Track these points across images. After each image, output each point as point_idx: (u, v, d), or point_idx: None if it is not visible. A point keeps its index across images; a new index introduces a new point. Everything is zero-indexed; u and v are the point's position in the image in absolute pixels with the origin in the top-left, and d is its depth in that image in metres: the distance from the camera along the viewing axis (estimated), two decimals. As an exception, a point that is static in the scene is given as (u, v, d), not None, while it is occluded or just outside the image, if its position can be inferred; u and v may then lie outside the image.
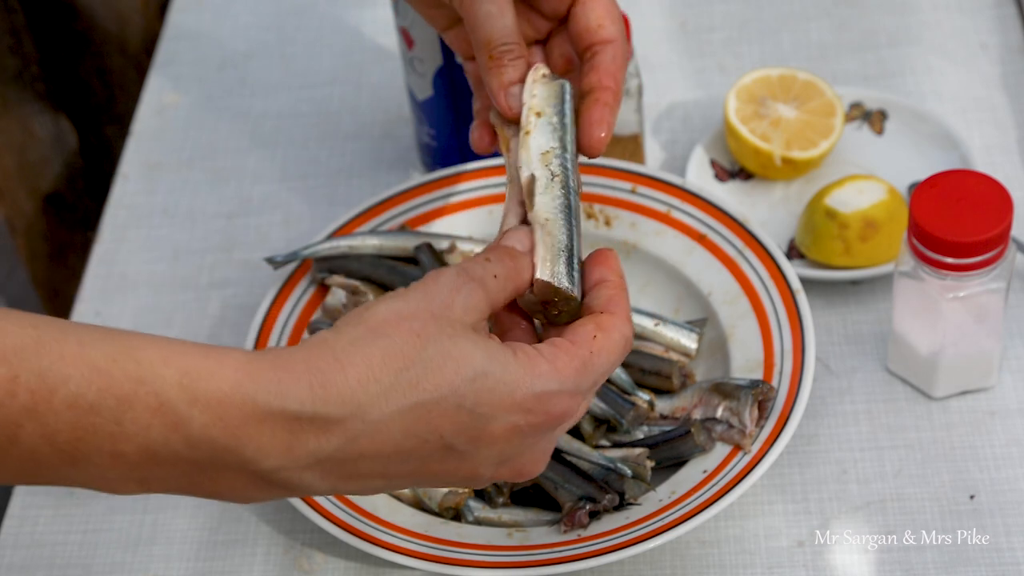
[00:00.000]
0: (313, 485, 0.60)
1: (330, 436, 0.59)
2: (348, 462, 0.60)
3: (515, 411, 0.61)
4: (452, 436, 0.61)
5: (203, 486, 0.60)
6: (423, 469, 0.62)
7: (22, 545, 0.86)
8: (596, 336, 0.64)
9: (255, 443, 0.58)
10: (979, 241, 0.78)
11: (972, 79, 1.04)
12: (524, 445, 0.63)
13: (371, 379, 0.59)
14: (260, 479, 0.59)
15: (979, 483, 0.82)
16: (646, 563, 0.81)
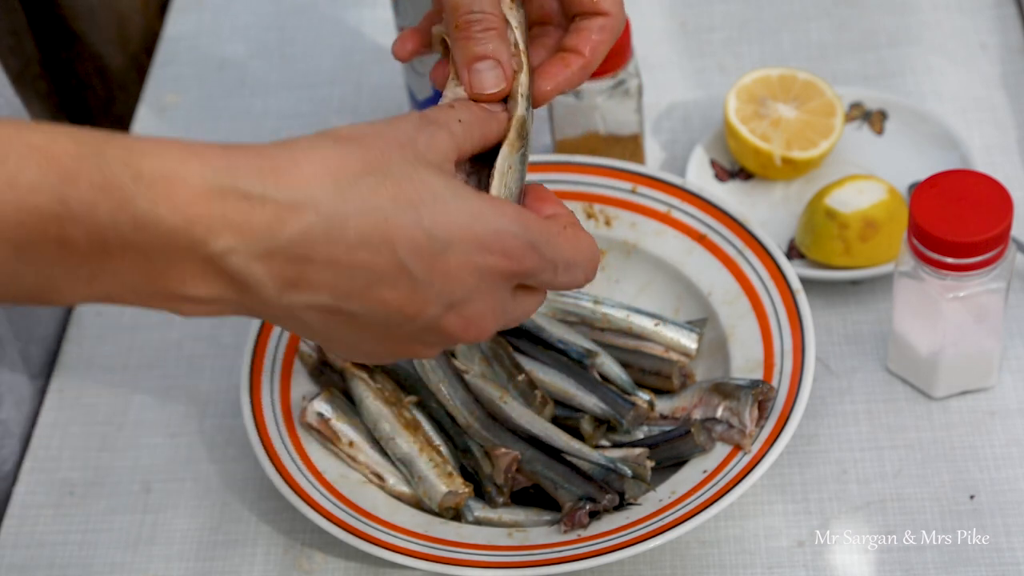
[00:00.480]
0: (261, 283, 0.56)
1: (283, 223, 0.55)
2: (299, 261, 0.56)
3: (473, 244, 0.58)
4: (406, 254, 0.57)
5: (153, 281, 0.56)
6: (373, 294, 0.58)
7: (22, 545, 0.86)
8: (566, 228, 0.62)
9: (205, 221, 0.54)
10: (979, 241, 0.78)
11: (972, 79, 1.04)
12: (477, 289, 0.60)
13: (327, 175, 0.56)
14: (208, 266, 0.55)
15: (979, 483, 0.82)
16: (646, 563, 0.81)
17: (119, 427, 0.91)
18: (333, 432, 0.84)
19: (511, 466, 0.81)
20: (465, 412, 0.82)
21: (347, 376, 0.85)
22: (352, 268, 0.57)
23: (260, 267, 0.56)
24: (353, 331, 0.60)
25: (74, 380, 0.94)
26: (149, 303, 0.57)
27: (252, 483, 0.87)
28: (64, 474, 0.89)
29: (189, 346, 0.95)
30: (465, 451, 0.83)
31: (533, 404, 0.83)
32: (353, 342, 0.61)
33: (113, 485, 0.88)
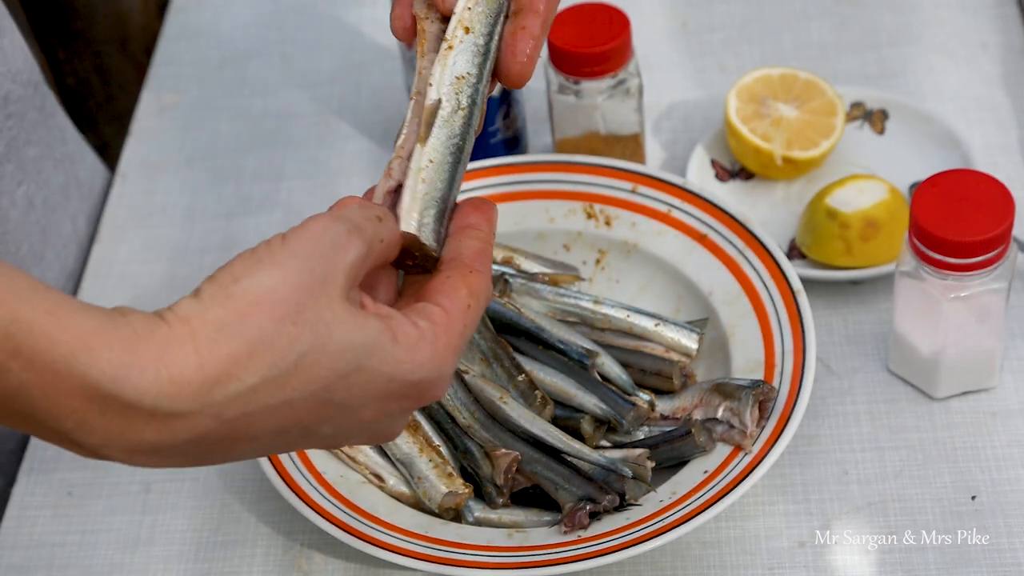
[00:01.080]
0: (149, 463, 0.55)
1: (173, 430, 0.53)
2: (189, 454, 0.55)
3: (388, 399, 0.58)
4: (316, 426, 0.57)
5: (36, 432, 0.54)
6: (278, 445, 0.57)
7: (21, 546, 0.86)
8: (470, 306, 0.60)
9: (77, 418, 0.52)
10: (980, 241, 0.78)
11: (973, 78, 1.04)
12: (391, 421, 0.60)
13: (232, 377, 0.53)
14: (84, 450, 0.54)
15: (980, 484, 0.82)
16: (647, 564, 0.81)
17: (118, 427, 0.91)
18: (333, 432, 0.83)
19: (511, 467, 0.80)
20: (465, 412, 0.82)
21: (347, 376, 0.85)
22: (254, 441, 0.56)
23: (143, 458, 0.55)
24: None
25: (73, 380, 0.94)
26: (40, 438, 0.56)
27: (251, 484, 0.87)
28: (63, 474, 0.89)
29: (188, 346, 0.94)
30: (465, 452, 0.82)
31: (533, 404, 0.83)
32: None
33: (112, 486, 0.88)
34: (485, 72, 0.65)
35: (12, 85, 0.92)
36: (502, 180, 0.94)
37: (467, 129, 0.64)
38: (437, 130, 0.63)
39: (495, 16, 0.65)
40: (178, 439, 0.54)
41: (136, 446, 0.54)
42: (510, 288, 0.88)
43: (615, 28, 0.92)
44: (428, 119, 0.64)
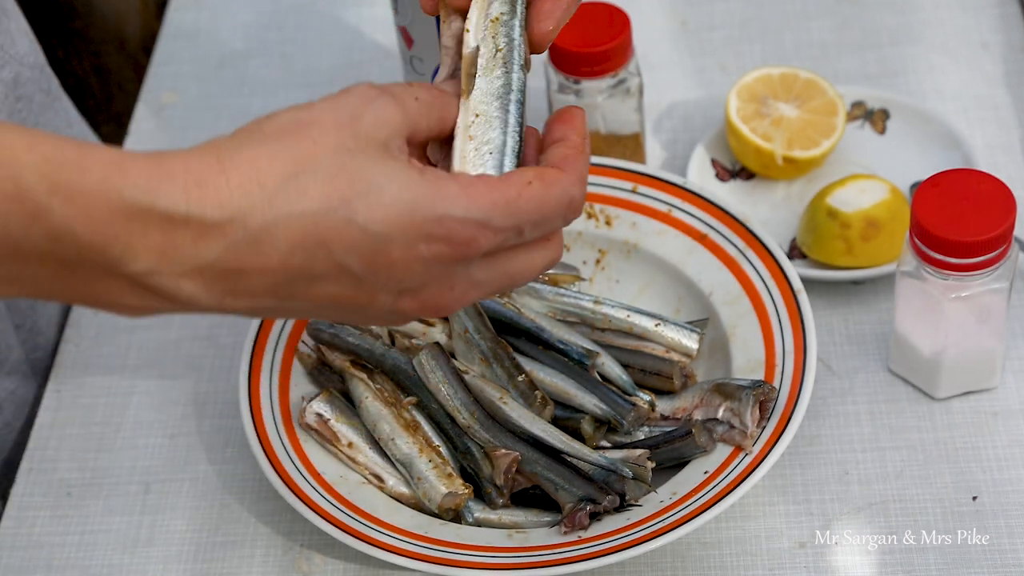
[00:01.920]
0: (195, 296, 0.55)
1: (208, 241, 0.54)
2: (231, 275, 0.55)
3: (413, 234, 0.55)
4: (344, 254, 0.55)
5: (77, 289, 0.55)
6: (316, 291, 0.56)
7: (19, 546, 0.85)
8: (531, 183, 0.58)
9: (122, 242, 0.53)
10: (982, 241, 0.77)
11: (974, 78, 1.04)
12: (429, 276, 0.57)
13: (254, 182, 0.54)
14: (133, 283, 0.54)
15: (982, 484, 0.82)
16: (647, 564, 0.81)
17: (117, 428, 0.91)
18: (332, 433, 0.83)
19: (511, 467, 0.80)
20: (465, 413, 0.82)
21: (346, 377, 0.85)
22: (288, 273, 0.56)
23: (188, 284, 0.55)
24: (308, 314, 0.59)
25: (72, 381, 0.94)
26: (87, 305, 0.56)
27: (251, 484, 0.87)
28: (62, 475, 0.89)
29: (187, 346, 0.94)
30: (465, 452, 0.82)
31: (533, 405, 0.82)
32: (312, 317, 0.60)
33: (111, 486, 0.88)
34: (519, 9, 0.64)
35: (20, 67, 0.92)
36: (502, 180, 0.94)
37: (509, 71, 0.62)
38: (479, 81, 0.62)
39: None
40: (214, 253, 0.54)
41: (180, 265, 0.54)
42: (510, 288, 0.88)
43: (615, 27, 0.92)
44: (468, 69, 0.62)
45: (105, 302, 0.55)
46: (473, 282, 0.59)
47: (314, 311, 0.58)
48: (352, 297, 0.57)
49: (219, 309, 0.56)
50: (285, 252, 0.55)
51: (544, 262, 0.61)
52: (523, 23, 0.64)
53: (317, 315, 0.59)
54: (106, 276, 0.54)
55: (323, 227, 0.55)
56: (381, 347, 0.85)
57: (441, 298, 0.59)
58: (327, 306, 0.58)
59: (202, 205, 0.53)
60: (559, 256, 0.62)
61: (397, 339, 0.87)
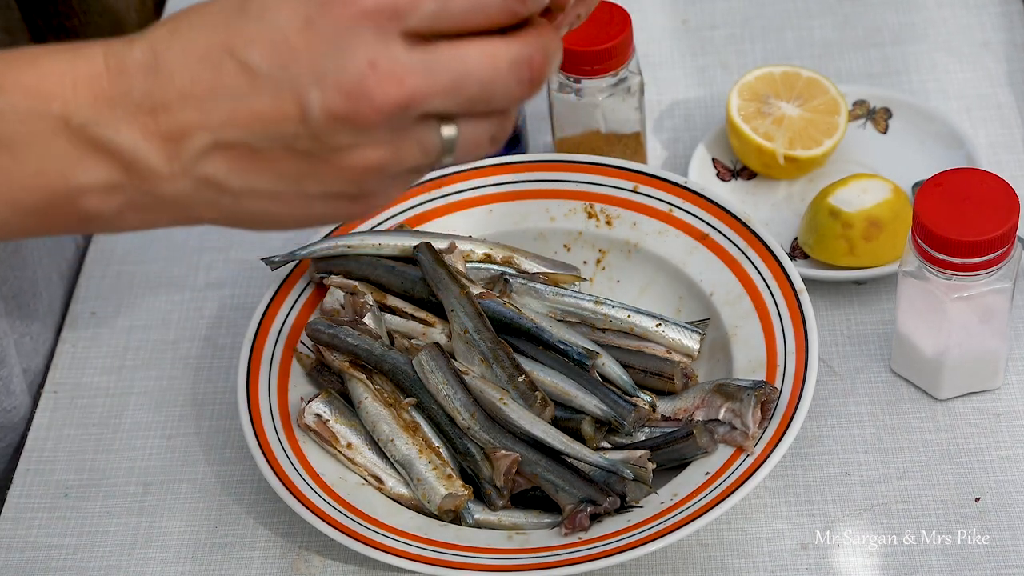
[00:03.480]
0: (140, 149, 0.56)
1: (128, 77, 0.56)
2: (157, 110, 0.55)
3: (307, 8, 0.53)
4: (245, 53, 0.54)
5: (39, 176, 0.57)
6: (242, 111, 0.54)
7: (16, 548, 0.85)
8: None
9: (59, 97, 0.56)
10: (985, 240, 0.77)
11: (977, 76, 1.04)
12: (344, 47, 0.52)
13: (162, 24, 0.56)
14: (83, 142, 0.56)
15: (984, 485, 0.82)
16: (647, 566, 0.80)
17: (115, 429, 0.90)
18: (331, 433, 0.83)
19: (511, 468, 0.80)
20: (465, 414, 0.82)
21: (346, 378, 0.85)
22: (206, 93, 0.55)
23: (127, 130, 0.56)
24: (266, 175, 0.56)
25: (69, 381, 0.93)
26: (52, 211, 0.57)
27: (249, 485, 0.86)
28: (59, 476, 0.88)
29: (185, 347, 0.94)
30: (465, 453, 0.82)
31: (533, 406, 0.82)
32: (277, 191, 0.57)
33: (109, 487, 0.87)
34: None
35: None
36: (502, 179, 0.93)
37: None
38: None
39: None
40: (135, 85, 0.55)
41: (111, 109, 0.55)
42: (510, 288, 0.88)
43: (616, 26, 0.91)
44: None
45: (64, 188, 0.57)
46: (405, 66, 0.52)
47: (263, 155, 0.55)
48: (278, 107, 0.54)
49: (169, 173, 0.56)
50: (196, 70, 0.55)
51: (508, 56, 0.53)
52: None
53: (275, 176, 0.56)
54: (55, 142, 0.56)
55: (222, 35, 0.54)
56: (380, 348, 0.85)
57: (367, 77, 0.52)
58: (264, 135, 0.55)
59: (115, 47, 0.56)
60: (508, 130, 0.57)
61: (397, 340, 0.87)
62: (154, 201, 0.58)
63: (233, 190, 0.57)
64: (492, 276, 0.89)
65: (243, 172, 0.56)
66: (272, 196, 0.57)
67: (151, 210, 0.59)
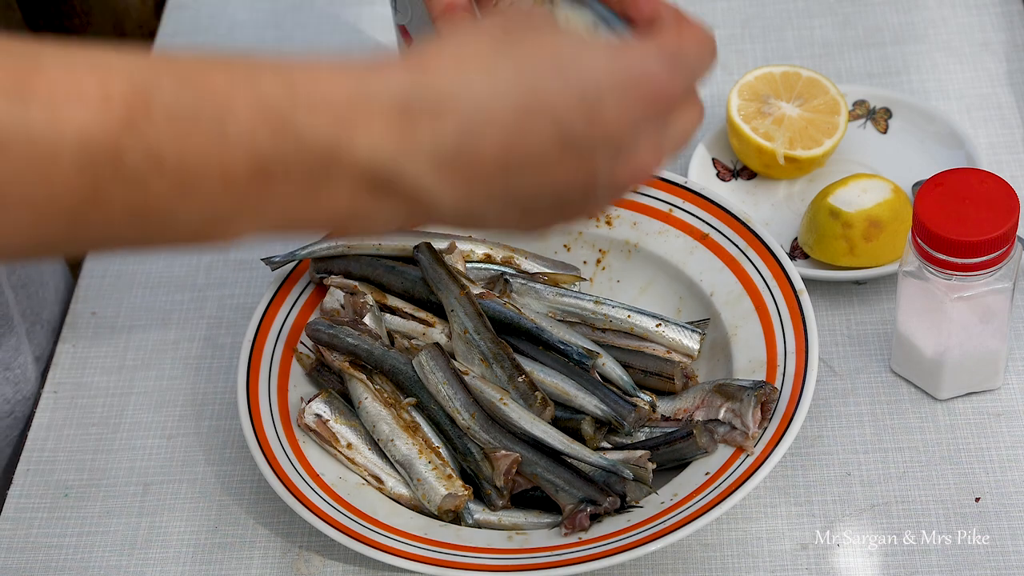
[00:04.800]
0: (434, 189, 0.57)
1: (443, 120, 0.56)
2: (463, 155, 0.56)
3: (622, 87, 0.58)
4: (564, 114, 0.57)
5: (319, 204, 0.55)
6: (545, 174, 0.58)
7: (16, 548, 0.85)
8: (679, 23, 0.63)
9: (365, 134, 0.54)
10: (985, 240, 0.77)
11: (978, 76, 1.04)
12: (638, 131, 0.59)
13: (470, 47, 0.57)
14: (375, 181, 0.55)
15: (985, 485, 0.82)
16: (648, 566, 0.80)
17: (115, 429, 0.90)
18: (331, 433, 0.83)
19: (511, 468, 0.80)
20: (465, 414, 0.82)
21: (346, 378, 0.85)
22: (517, 148, 0.57)
23: (429, 173, 0.56)
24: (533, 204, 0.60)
25: (69, 381, 0.93)
26: (315, 227, 0.58)
27: (249, 485, 0.86)
28: (59, 476, 0.88)
29: (186, 347, 0.94)
30: (465, 453, 0.82)
31: (533, 406, 0.82)
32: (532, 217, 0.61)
33: (109, 487, 0.87)
34: None
35: None
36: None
37: None
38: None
39: None
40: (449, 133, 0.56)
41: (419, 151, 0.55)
42: (510, 288, 0.88)
43: (616, 26, 0.91)
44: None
45: (343, 214, 0.57)
46: (665, 139, 0.62)
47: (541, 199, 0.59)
48: (575, 170, 0.58)
49: (452, 206, 0.57)
50: (510, 119, 0.56)
51: (697, 119, 0.63)
52: None
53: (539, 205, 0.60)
54: (348, 179, 0.55)
55: (541, 93, 0.57)
56: (380, 348, 0.84)
57: (648, 158, 0.61)
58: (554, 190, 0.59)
59: (427, 80, 0.55)
60: (703, 113, 0.64)
61: (397, 340, 0.87)
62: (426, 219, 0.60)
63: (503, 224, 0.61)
64: (492, 276, 0.89)
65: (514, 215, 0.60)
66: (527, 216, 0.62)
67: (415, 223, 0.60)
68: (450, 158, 0.56)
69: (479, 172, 0.57)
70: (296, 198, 0.55)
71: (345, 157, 0.55)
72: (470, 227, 0.62)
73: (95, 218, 0.52)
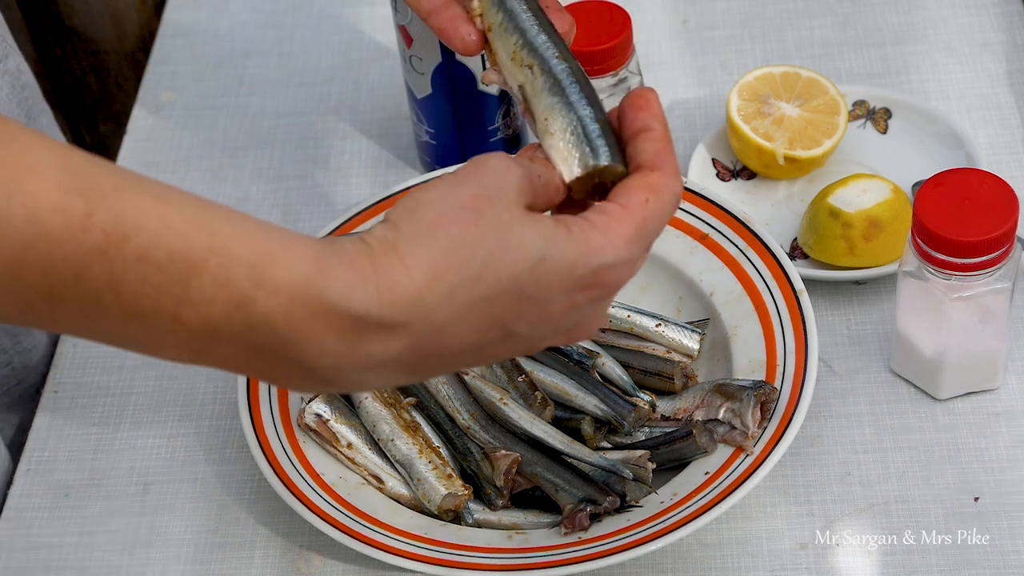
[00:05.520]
0: (368, 384, 0.60)
1: (394, 339, 0.58)
2: (409, 364, 0.59)
3: (574, 289, 0.61)
4: (513, 323, 0.60)
5: (257, 369, 0.59)
6: (483, 355, 0.62)
7: (17, 548, 0.85)
8: (648, 200, 0.62)
9: (316, 341, 0.57)
10: (984, 240, 0.77)
11: (977, 77, 1.04)
12: (581, 316, 0.62)
13: (435, 279, 0.58)
14: (315, 376, 0.59)
15: (984, 485, 0.82)
16: (647, 566, 0.80)
17: (115, 428, 0.90)
18: (331, 433, 0.83)
19: (511, 468, 0.80)
20: (465, 414, 0.82)
21: (345, 377, 0.85)
22: (463, 350, 0.60)
23: (370, 375, 0.59)
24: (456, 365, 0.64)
25: (69, 381, 0.93)
26: (252, 377, 0.62)
27: (250, 485, 0.86)
28: (60, 476, 0.88)
29: (186, 346, 0.94)
30: (465, 453, 0.82)
31: (533, 406, 0.82)
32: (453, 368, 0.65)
33: (109, 487, 0.87)
34: (526, 24, 0.66)
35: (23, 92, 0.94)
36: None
37: (550, 71, 0.65)
38: (533, 101, 0.65)
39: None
40: (398, 349, 0.58)
41: (365, 362, 0.58)
42: (510, 288, 0.88)
43: (616, 25, 0.91)
44: (525, 106, 0.66)
45: (280, 381, 0.60)
46: (609, 303, 0.65)
47: (476, 364, 0.64)
48: (513, 350, 0.62)
49: (383, 387, 0.63)
50: (463, 336, 0.59)
51: (642, 262, 0.65)
52: (535, 25, 0.66)
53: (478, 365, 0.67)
54: (291, 366, 0.58)
55: (496, 308, 0.59)
56: (380, 347, 0.84)
57: (590, 327, 0.64)
58: (490, 359, 0.63)
59: (392, 308, 0.57)
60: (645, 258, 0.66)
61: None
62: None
63: None
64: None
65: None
66: None
67: None
68: (391, 364, 0.59)
69: (418, 369, 0.60)
70: (237, 359, 0.58)
71: (290, 351, 0.57)
72: None
73: (46, 313, 0.55)
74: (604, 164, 0.63)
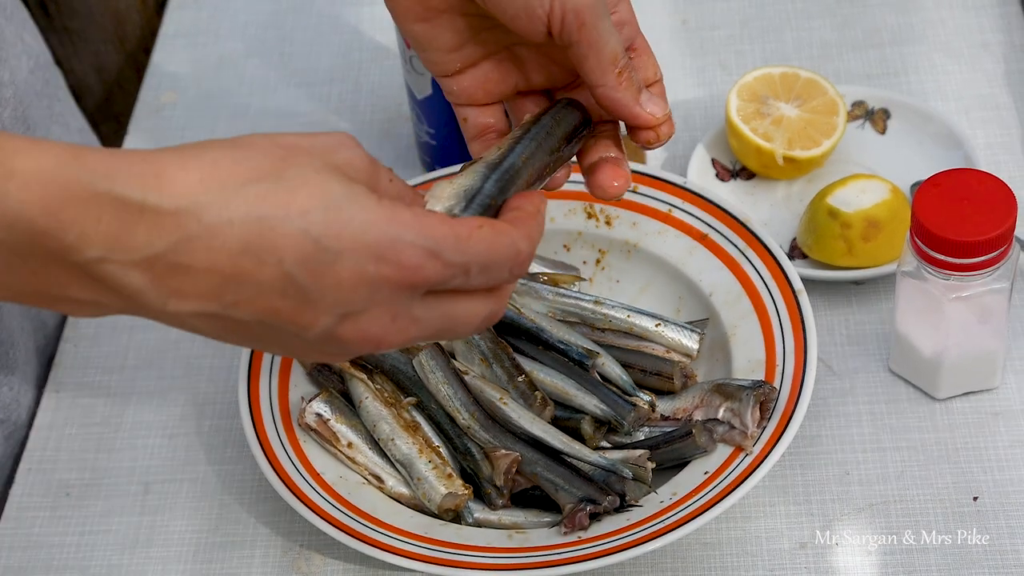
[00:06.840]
0: (142, 291, 0.55)
1: (161, 231, 0.54)
2: (179, 270, 0.55)
3: (364, 253, 0.56)
4: (293, 264, 0.55)
5: (26, 281, 0.55)
6: (261, 303, 0.56)
7: (18, 547, 0.85)
8: (482, 227, 0.59)
9: (77, 226, 0.53)
10: (983, 240, 0.77)
11: (976, 77, 1.04)
12: (371, 300, 0.57)
13: (214, 180, 0.54)
14: (83, 273, 0.54)
15: (983, 485, 0.82)
16: (647, 565, 0.80)
17: (116, 428, 0.91)
18: (332, 433, 0.83)
19: (511, 468, 0.80)
20: (465, 413, 0.82)
21: (346, 377, 0.85)
22: (236, 277, 0.55)
23: (137, 275, 0.55)
24: (248, 338, 0.59)
25: (71, 381, 0.93)
26: (33, 302, 0.56)
27: (250, 484, 0.86)
28: (61, 475, 0.88)
29: (187, 346, 0.94)
30: (465, 453, 0.82)
31: (533, 405, 0.82)
32: (251, 344, 0.60)
33: (110, 486, 0.88)
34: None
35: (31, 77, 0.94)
36: (502, 179, 0.93)
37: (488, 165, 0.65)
38: None
39: None
40: (166, 243, 0.54)
41: (131, 254, 0.54)
42: (510, 288, 0.88)
43: (615, 27, 0.91)
44: None
45: (54, 296, 0.56)
46: (413, 317, 0.59)
47: (255, 328, 0.58)
48: (294, 314, 0.57)
49: (161, 311, 0.56)
50: (235, 252, 0.55)
51: (485, 313, 0.60)
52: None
53: (256, 336, 0.59)
54: (57, 265, 0.54)
55: (277, 233, 0.55)
56: (381, 347, 0.85)
57: (380, 327, 0.58)
58: (268, 323, 0.57)
59: (159, 194, 0.54)
60: (501, 312, 0.62)
61: (397, 339, 0.87)
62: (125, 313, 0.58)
63: (213, 336, 0.59)
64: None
65: (227, 332, 0.58)
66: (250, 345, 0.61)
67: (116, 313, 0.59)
68: (161, 265, 0.54)
69: (190, 287, 0.55)
70: (8, 273, 0.54)
71: (52, 245, 0.53)
72: (187, 330, 0.59)
73: None
74: None
